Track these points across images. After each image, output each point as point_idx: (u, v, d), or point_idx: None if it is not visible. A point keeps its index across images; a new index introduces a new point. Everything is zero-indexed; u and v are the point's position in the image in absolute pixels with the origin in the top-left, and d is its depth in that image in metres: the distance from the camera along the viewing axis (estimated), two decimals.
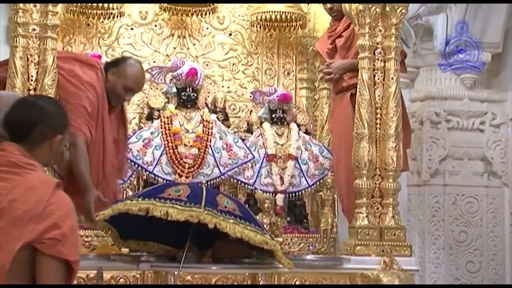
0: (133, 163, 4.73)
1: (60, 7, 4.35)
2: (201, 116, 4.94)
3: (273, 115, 5.12)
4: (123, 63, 4.12)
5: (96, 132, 3.92)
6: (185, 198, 3.75)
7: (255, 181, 4.97)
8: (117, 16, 5.14)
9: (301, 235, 4.94)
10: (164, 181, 4.74)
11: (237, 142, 4.98)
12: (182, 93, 4.95)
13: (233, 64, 5.42)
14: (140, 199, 3.76)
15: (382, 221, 4.43)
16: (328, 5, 4.96)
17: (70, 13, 5.09)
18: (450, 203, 5.74)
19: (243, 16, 5.45)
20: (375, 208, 4.46)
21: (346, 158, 4.60)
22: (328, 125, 5.13)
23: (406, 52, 5.02)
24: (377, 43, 4.51)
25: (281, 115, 5.12)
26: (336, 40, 4.92)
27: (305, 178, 5.05)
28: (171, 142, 4.81)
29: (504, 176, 5.83)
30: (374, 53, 4.50)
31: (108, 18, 5.15)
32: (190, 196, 3.77)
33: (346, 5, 4.58)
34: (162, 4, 5.21)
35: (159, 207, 3.69)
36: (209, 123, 4.92)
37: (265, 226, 4.43)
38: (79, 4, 5.00)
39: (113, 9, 5.07)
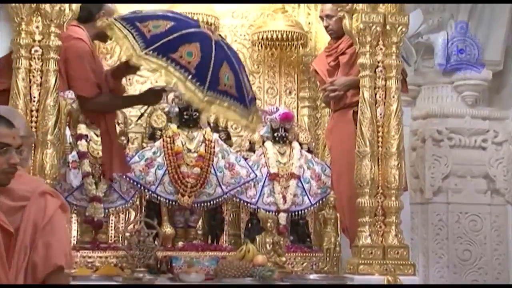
0: (135, 183, 4.72)
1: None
2: (203, 136, 4.94)
3: (275, 134, 5.12)
4: (103, 5, 4.50)
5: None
6: (193, 70, 3.97)
7: (257, 200, 4.96)
8: None
9: (304, 254, 4.91)
10: (167, 201, 4.74)
11: (240, 161, 4.97)
12: (184, 113, 4.95)
13: None
14: (155, 54, 3.97)
15: (385, 240, 4.42)
16: (324, 23, 4.99)
17: None
18: (453, 221, 5.72)
19: (244, 35, 5.47)
20: (378, 226, 4.45)
21: (348, 176, 4.59)
22: (327, 143, 5.12)
23: (407, 71, 5.02)
24: (378, 62, 4.52)
25: (283, 134, 5.12)
26: (339, 57, 4.93)
27: (308, 196, 5.04)
28: (174, 162, 4.80)
29: (507, 194, 5.82)
30: (375, 72, 4.51)
31: (111, 39, 5.16)
32: (199, 67, 3.98)
33: (347, 23, 4.59)
34: None
35: (171, 74, 3.95)
36: (211, 142, 4.92)
37: (268, 246, 4.43)
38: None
39: None
